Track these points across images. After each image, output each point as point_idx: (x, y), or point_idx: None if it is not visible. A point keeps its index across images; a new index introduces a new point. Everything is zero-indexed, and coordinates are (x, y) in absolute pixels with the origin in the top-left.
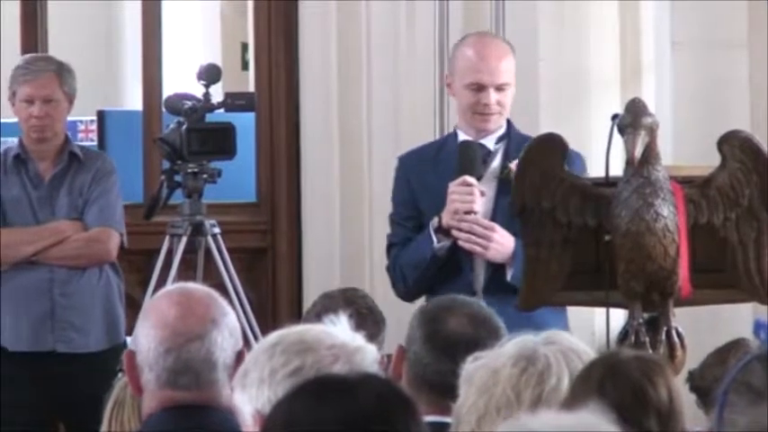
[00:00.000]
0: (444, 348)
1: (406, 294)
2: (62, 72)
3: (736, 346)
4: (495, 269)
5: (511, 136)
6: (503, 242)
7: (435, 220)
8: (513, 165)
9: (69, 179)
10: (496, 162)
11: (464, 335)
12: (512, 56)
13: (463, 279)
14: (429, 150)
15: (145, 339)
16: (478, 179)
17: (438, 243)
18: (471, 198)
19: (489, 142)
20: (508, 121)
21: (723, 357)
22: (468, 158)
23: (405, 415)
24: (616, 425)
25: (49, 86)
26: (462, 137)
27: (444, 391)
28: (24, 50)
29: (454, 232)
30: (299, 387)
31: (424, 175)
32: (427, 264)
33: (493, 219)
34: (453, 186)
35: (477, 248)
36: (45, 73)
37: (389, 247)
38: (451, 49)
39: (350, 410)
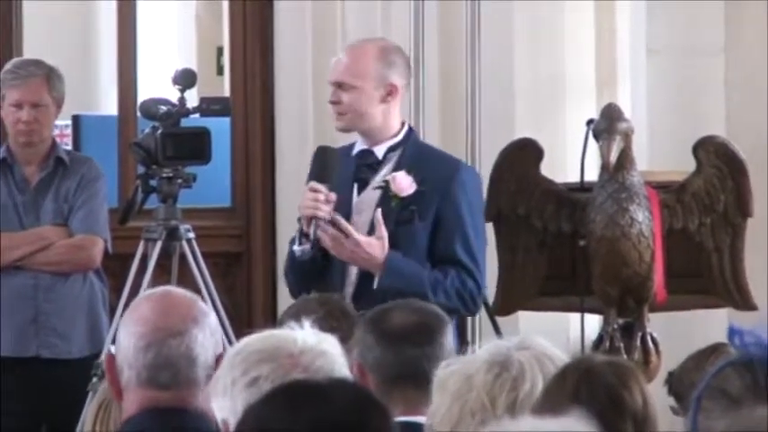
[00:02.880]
0: (400, 339)
1: (291, 291)
2: (51, 77)
3: (715, 351)
4: (364, 277)
5: (407, 145)
6: (364, 255)
7: (302, 225)
8: (392, 176)
9: (55, 184)
10: (384, 171)
11: (412, 322)
12: (366, 58)
13: (333, 283)
14: (341, 153)
15: (125, 338)
16: (362, 189)
17: (299, 246)
18: (316, 204)
19: (380, 150)
20: (410, 129)
21: (701, 361)
22: (321, 163)
23: (378, 420)
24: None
25: (38, 91)
26: (357, 144)
27: (418, 381)
28: None
29: (320, 232)
30: (271, 393)
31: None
32: (296, 266)
33: (371, 228)
34: (305, 191)
35: (328, 244)
36: (34, 78)
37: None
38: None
39: (322, 417)
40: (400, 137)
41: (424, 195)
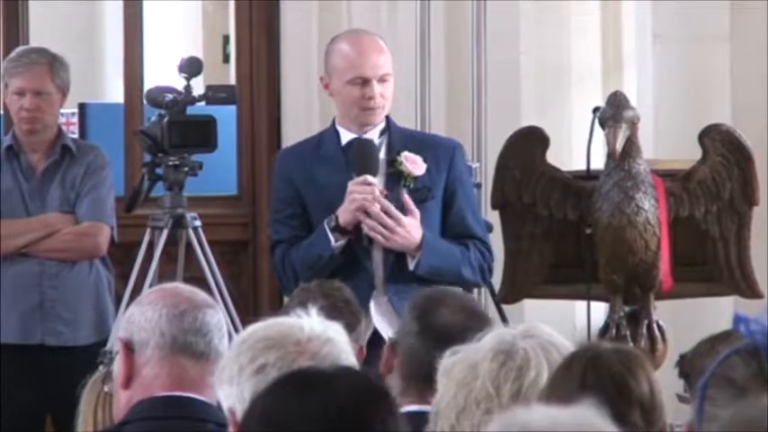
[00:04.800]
0: (438, 339)
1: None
2: (54, 64)
3: (729, 337)
4: (397, 260)
5: (391, 129)
6: (406, 235)
7: (332, 219)
8: (404, 156)
9: (62, 172)
10: (381, 155)
11: (456, 325)
12: (387, 50)
13: (362, 275)
14: (307, 147)
15: (150, 313)
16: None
17: (335, 242)
18: (373, 197)
19: (374, 136)
20: (387, 116)
21: (714, 346)
22: (364, 157)
23: (381, 408)
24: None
25: (40, 79)
26: (345, 133)
27: (435, 382)
28: (6, 44)
29: (362, 218)
30: (276, 381)
31: (309, 171)
32: (324, 263)
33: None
34: (353, 185)
35: (380, 238)
36: (36, 65)
37: (274, 245)
38: (326, 48)
39: (325, 404)
40: (384, 122)
41: (432, 173)
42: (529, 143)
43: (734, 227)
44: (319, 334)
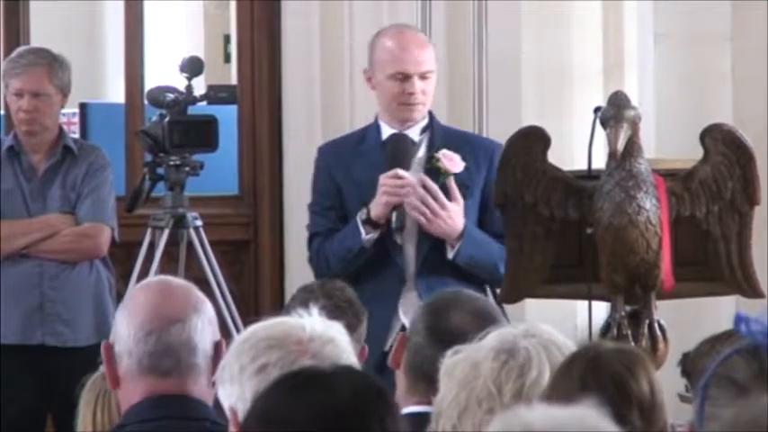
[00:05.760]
0: (445, 342)
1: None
2: (54, 65)
3: (731, 336)
4: (429, 253)
5: (434, 127)
6: (449, 221)
7: (364, 212)
8: (442, 153)
9: (63, 172)
10: (421, 152)
11: (466, 330)
12: (431, 45)
13: (393, 267)
14: (349, 141)
15: (125, 326)
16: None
17: (366, 235)
18: (403, 191)
19: (414, 133)
20: (430, 113)
21: (716, 346)
22: (399, 151)
23: (379, 408)
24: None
25: (38, 80)
26: (386, 128)
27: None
28: (6, 44)
29: (412, 212)
30: (275, 381)
31: (348, 166)
32: (354, 255)
33: None
34: (384, 179)
35: (423, 219)
36: (35, 67)
37: (312, 237)
38: (370, 42)
39: (323, 404)
40: (427, 119)
41: (471, 172)
42: (530, 143)
43: (735, 226)
44: (321, 334)
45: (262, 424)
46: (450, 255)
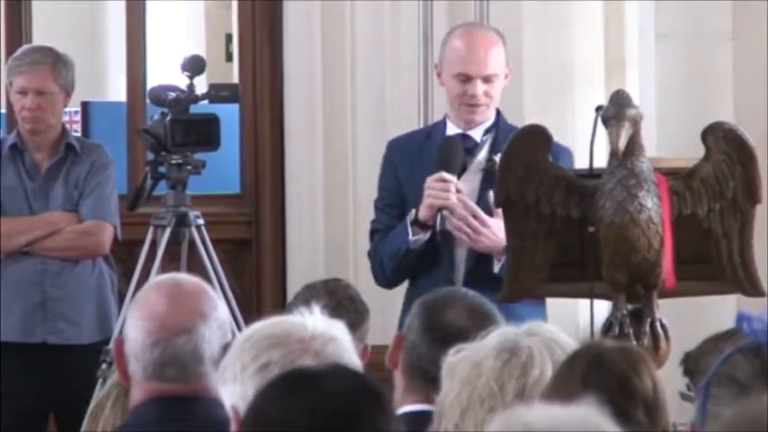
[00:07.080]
0: (441, 339)
1: (385, 282)
2: (57, 64)
3: (734, 336)
4: (478, 261)
5: (499, 127)
6: (493, 237)
7: (413, 213)
8: (498, 156)
9: (65, 171)
10: (483, 154)
11: (461, 327)
12: (501, 46)
13: (442, 270)
14: (417, 138)
15: (133, 330)
16: (460, 174)
17: (413, 236)
18: (446, 195)
19: (477, 133)
20: (498, 112)
21: (719, 345)
22: (447, 154)
23: (373, 407)
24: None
25: (42, 79)
26: (451, 127)
27: (437, 382)
28: (9, 42)
29: (447, 215)
30: (270, 382)
31: (410, 164)
32: (403, 255)
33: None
34: (430, 181)
35: (465, 238)
36: (39, 65)
37: (372, 232)
38: (441, 40)
39: (314, 404)
40: (493, 119)
41: None
42: (532, 141)
43: (737, 225)
44: (322, 332)
45: (256, 424)
46: (496, 269)
